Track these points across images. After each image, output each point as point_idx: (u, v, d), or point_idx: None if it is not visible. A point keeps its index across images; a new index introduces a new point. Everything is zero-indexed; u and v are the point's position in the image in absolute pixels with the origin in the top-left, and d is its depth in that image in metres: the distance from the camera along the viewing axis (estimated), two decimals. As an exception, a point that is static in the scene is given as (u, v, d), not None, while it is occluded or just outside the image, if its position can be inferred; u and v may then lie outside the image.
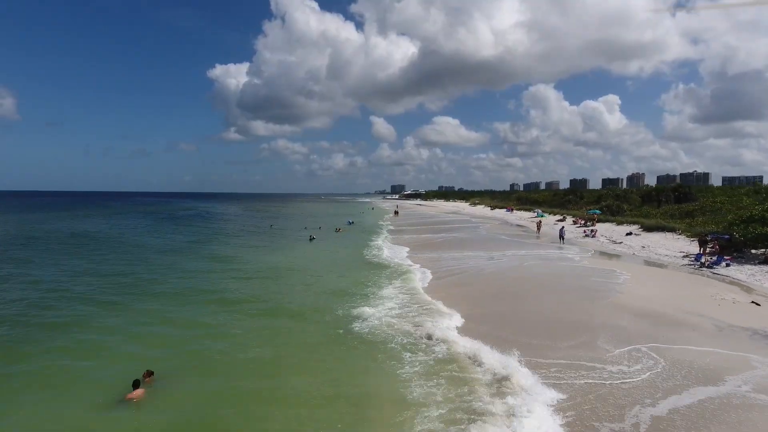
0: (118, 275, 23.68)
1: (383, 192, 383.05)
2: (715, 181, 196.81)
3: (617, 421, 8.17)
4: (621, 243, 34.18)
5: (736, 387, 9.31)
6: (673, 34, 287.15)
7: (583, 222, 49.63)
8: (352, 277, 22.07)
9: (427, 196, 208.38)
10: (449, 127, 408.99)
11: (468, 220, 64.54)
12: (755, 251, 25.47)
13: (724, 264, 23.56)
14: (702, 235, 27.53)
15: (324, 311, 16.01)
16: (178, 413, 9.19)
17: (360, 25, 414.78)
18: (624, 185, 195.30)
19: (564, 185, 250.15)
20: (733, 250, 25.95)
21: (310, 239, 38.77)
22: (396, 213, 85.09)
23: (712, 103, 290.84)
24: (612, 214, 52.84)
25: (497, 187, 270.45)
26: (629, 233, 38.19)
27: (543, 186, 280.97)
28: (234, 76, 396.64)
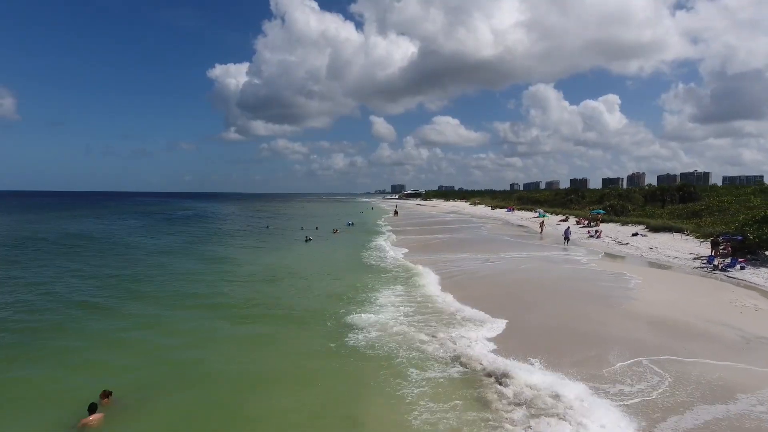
0: (103, 277, 22.71)
1: (383, 192, 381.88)
2: (715, 181, 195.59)
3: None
4: (627, 244, 33.12)
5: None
6: (673, 33, 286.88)
7: (587, 222, 48.55)
8: (348, 281, 20.99)
9: (427, 195, 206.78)
10: (449, 127, 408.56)
11: (469, 220, 63.47)
12: (770, 253, 24.40)
13: (738, 267, 22.49)
14: (714, 237, 26.46)
15: (317, 319, 14.93)
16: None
17: (360, 25, 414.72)
18: (624, 185, 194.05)
19: (564, 185, 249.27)
20: (747, 252, 24.87)
21: (306, 240, 37.71)
22: (396, 213, 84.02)
23: (711, 103, 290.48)
24: (616, 214, 51.73)
25: (497, 187, 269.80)
26: (635, 234, 37.10)
27: (543, 186, 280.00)
28: (234, 75, 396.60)
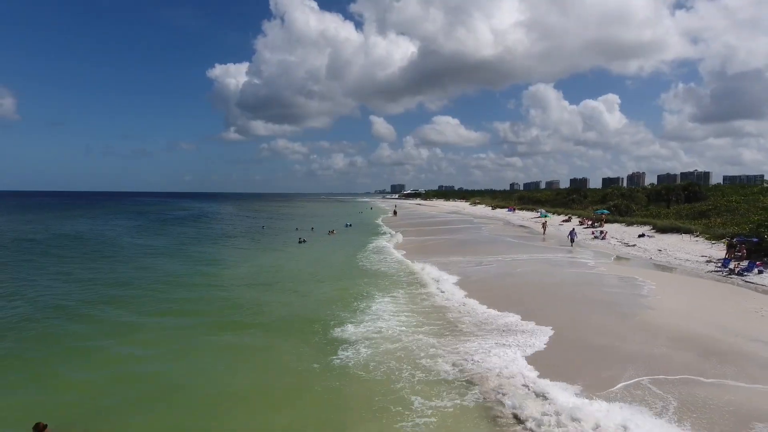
0: (81, 279, 21.76)
1: (383, 192, 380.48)
2: (716, 181, 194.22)
3: None
4: (634, 246, 31.78)
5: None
6: (673, 33, 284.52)
7: (591, 223, 47.19)
8: (341, 286, 19.62)
9: (427, 195, 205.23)
10: (449, 127, 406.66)
11: (470, 220, 62.12)
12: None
13: (756, 270, 21.16)
14: (729, 239, 25.13)
15: (303, 330, 13.55)
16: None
17: (359, 25, 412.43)
18: (624, 185, 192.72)
19: (564, 185, 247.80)
20: (763, 254, 23.53)
21: (299, 242, 36.36)
22: (395, 213, 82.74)
23: (711, 103, 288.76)
24: (620, 214, 50.38)
25: (497, 187, 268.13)
26: (642, 235, 35.75)
27: (543, 185, 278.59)
28: (234, 75, 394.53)
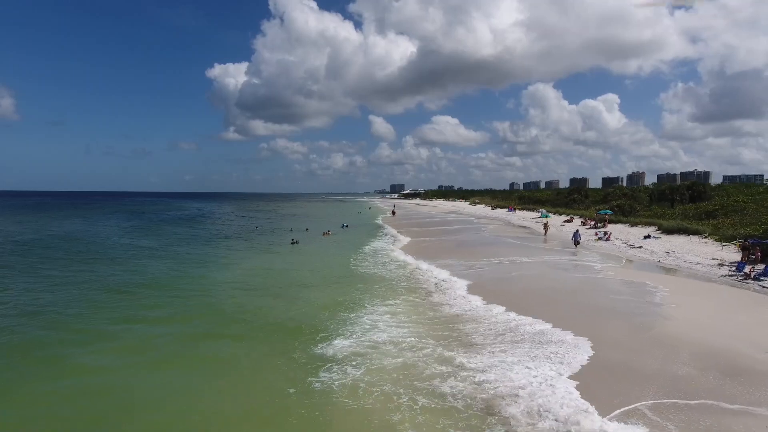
0: (57, 281, 20.79)
1: (383, 191, 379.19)
2: (716, 180, 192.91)
3: None
4: (641, 248, 30.54)
5: None
6: (672, 32, 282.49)
7: (593, 223, 45.95)
8: (333, 293, 18.26)
9: (427, 195, 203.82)
10: (448, 127, 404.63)
11: (470, 220, 60.88)
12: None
13: (773, 275, 19.93)
14: (743, 241, 23.90)
15: (281, 346, 12.08)
16: None
17: (359, 25, 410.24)
18: (624, 184, 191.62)
19: (564, 184, 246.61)
20: (779, 257, 22.31)
21: (292, 243, 35.08)
22: (393, 213, 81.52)
23: (711, 102, 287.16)
24: (623, 214, 49.12)
25: (497, 186, 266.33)
26: (647, 236, 34.50)
27: (543, 185, 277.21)
28: (233, 75, 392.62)
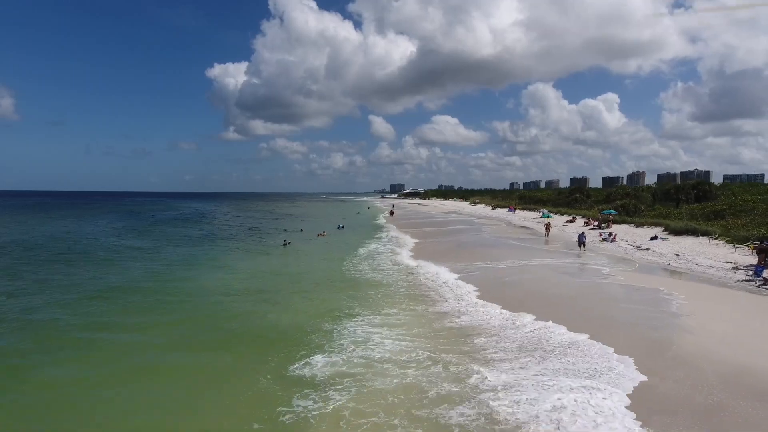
0: (29, 284, 19.85)
1: (383, 191, 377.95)
2: (716, 180, 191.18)
3: None
4: (648, 249, 29.23)
5: None
6: (672, 32, 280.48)
7: (597, 223, 44.66)
8: (320, 300, 16.90)
9: (427, 195, 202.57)
10: (448, 126, 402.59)
11: (470, 221, 59.59)
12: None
13: (794, 280, 18.64)
14: (758, 242, 22.61)
15: (253, 365, 10.64)
16: None
17: (358, 24, 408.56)
18: (624, 183, 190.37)
19: (564, 184, 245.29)
20: (798, 260, 21.01)
21: (283, 244, 33.79)
22: (392, 213, 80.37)
23: (710, 102, 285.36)
24: (628, 214, 47.80)
25: (497, 186, 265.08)
26: (654, 237, 33.22)
27: (543, 185, 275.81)
28: (233, 75, 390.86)
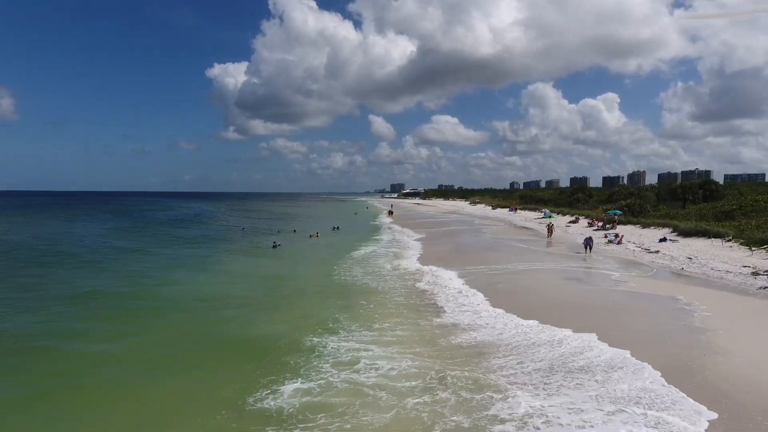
0: None
1: (383, 191, 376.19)
2: (716, 179, 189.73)
3: None
4: (658, 252, 27.73)
5: None
6: (671, 31, 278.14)
7: (601, 224, 43.14)
8: (303, 311, 15.24)
9: (427, 194, 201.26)
10: (448, 126, 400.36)
11: (470, 221, 58.10)
12: None
13: (823, 288, 17.15)
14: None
15: (207, 394, 9.05)
16: None
17: (358, 24, 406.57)
18: (625, 183, 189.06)
19: (564, 183, 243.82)
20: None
21: (273, 246, 32.31)
22: (390, 213, 79.07)
23: (710, 101, 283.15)
24: (633, 214, 46.28)
25: (497, 186, 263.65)
26: (663, 239, 31.71)
27: (543, 184, 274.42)
28: (232, 75, 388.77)
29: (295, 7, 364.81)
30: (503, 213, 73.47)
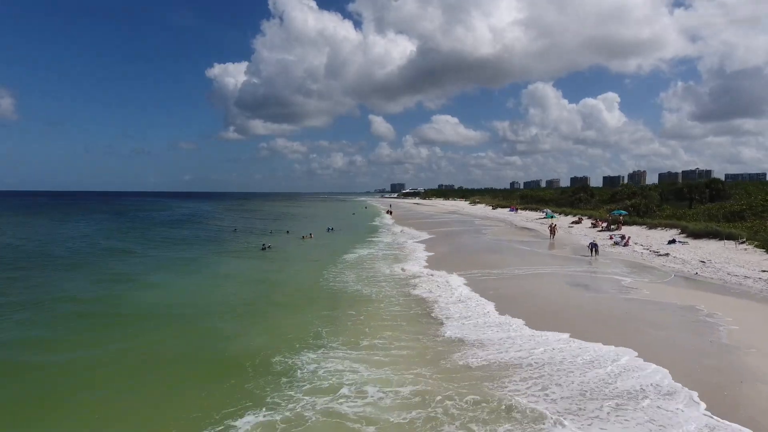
0: None
1: (383, 190, 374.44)
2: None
3: None
4: (668, 255, 26.25)
5: None
6: (671, 31, 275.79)
7: (606, 225, 41.66)
8: (285, 324, 13.67)
9: (427, 194, 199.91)
10: (448, 126, 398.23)
11: (470, 221, 56.67)
12: None
13: None
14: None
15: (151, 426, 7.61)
16: None
17: (358, 24, 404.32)
18: (626, 182, 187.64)
19: (564, 183, 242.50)
20: None
21: (262, 248, 30.85)
22: (389, 213, 78.01)
23: (710, 101, 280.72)
24: (638, 214, 44.77)
25: (497, 186, 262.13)
26: (672, 241, 30.21)
27: (543, 184, 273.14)
28: (232, 75, 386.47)
29: (295, 7, 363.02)
30: (504, 213, 72.01)
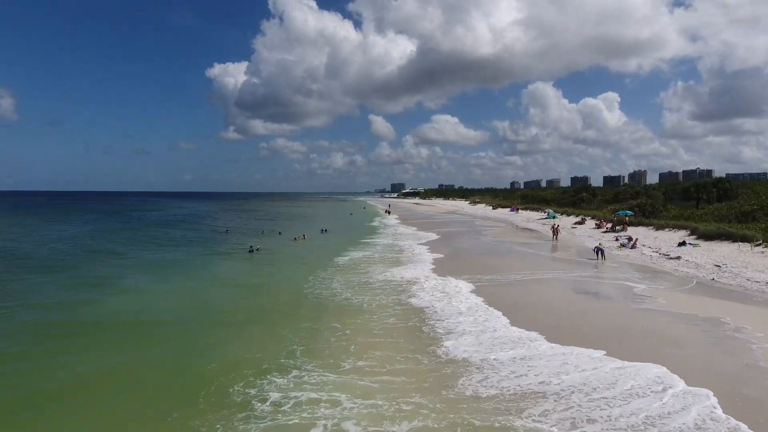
0: None
1: (383, 190, 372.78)
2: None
3: None
4: (678, 258, 24.75)
5: None
6: (671, 31, 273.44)
7: (611, 226, 40.14)
8: (252, 338, 12.21)
9: (427, 194, 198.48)
10: (448, 126, 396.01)
11: (470, 222, 55.21)
12: None
13: None
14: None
15: None
16: None
17: (358, 24, 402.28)
18: (627, 182, 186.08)
19: (565, 183, 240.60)
20: None
21: (249, 251, 29.37)
22: (388, 212, 76.95)
23: (711, 101, 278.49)
24: (644, 215, 43.24)
25: (497, 185, 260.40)
26: (682, 243, 28.71)
27: (544, 184, 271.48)
28: (232, 75, 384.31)
29: (295, 7, 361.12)
30: (504, 213, 70.50)
